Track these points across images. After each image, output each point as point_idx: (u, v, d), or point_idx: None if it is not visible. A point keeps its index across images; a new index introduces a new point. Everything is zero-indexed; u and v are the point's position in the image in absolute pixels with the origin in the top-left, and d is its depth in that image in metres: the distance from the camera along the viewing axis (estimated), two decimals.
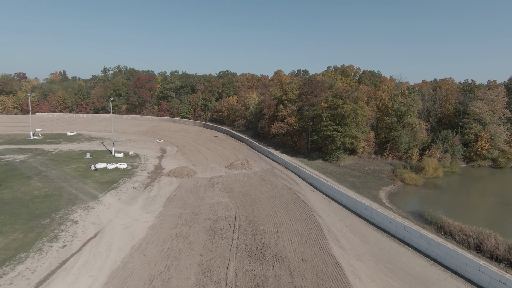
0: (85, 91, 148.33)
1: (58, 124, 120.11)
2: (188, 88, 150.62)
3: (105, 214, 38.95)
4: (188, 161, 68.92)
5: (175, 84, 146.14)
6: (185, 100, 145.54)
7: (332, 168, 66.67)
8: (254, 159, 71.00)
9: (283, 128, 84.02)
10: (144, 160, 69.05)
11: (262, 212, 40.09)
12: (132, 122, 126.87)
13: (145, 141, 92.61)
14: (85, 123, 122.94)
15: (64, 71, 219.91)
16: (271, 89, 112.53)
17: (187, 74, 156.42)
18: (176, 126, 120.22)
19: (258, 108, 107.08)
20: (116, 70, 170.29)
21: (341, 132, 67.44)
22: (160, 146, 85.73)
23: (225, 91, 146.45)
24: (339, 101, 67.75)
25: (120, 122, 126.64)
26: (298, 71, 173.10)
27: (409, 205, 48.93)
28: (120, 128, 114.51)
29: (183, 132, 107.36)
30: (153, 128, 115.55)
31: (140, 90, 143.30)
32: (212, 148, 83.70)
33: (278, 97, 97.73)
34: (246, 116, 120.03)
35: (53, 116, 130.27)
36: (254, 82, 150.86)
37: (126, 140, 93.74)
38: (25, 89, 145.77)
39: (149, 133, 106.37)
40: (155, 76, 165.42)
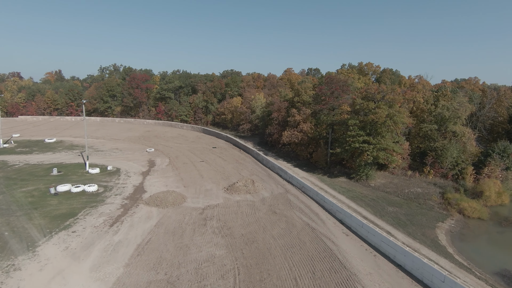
0: (76, 91, 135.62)
1: (41, 129, 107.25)
2: (188, 89, 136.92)
3: (31, 285, 24.89)
4: (178, 179, 54.81)
5: (173, 84, 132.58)
6: (185, 101, 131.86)
7: (361, 190, 51.91)
8: (261, 177, 56.60)
9: (297, 137, 69.39)
10: (123, 178, 55.12)
11: (275, 280, 25.64)
12: (124, 126, 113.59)
13: (134, 150, 78.90)
14: (71, 127, 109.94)
15: (59, 71, 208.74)
16: (280, 89, 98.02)
17: (188, 73, 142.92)
18: (172, 131, 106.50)
19: (265, 111, 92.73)
20: (111, 69, 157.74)
21: (373, 144, 52.63)
22: (149, 157, 71.87)
23: (228, 91, 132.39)
24: (370, 105, 52.83)
25: (111, 126, 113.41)
26: (309, 70, 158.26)
27: (488, 258, 33.70)
28: (109, 134, 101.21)
29: (179, 139, 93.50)
30: (146, 133, 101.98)
31: (135, 91, 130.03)
32: (211, 160, 69.51)
33: (289, 99, 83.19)
34: (251, 120, 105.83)
35: (37, 119, 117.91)
36: (261, 82, 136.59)
37: (111, 149, 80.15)
38: (11, 89, 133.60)
39: (141, 140, 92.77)
40: (153, 76, 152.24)
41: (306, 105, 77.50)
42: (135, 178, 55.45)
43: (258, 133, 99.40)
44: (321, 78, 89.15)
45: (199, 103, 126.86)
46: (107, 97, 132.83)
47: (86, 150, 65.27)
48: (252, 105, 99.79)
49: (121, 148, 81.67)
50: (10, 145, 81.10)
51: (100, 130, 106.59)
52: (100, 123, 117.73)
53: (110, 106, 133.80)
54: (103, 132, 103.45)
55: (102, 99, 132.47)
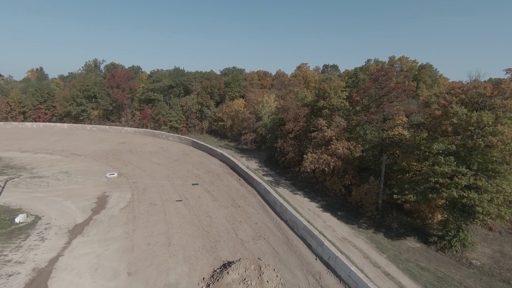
0: (46, 91, 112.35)
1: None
2: (180, 89, 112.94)
3: None
4: (125, 249, 30.70)
5: (162, 83, 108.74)
6: (176, 104, 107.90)
7: (460, 277, 27.37)
8: (274, 247, 32.12)
9: (328, 163, 44.70)
10: (29, 244, 31.14)
11: None
12: (96, 135, 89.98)
13: (89, 175, 55.04)
14: (29, 137, 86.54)
15: (40, 68, 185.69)
16: (296, 89, 73.56)
17: (180, 70, 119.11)
18: (154, 143, 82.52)
19: (275, 119, 68.35)
20: (90, 64, 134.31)
21: (490, 192, 27.85)
22: (103, 190, 47.93)
23: (228, 92, 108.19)
24: (485, 117, 27.86)
25: (80, 136, 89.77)
26: (324, 67, 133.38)
27: None
28: (72, 147, 77.55)
29: (159, 156, 69.38)
30: (120, 146, 78.10)
31: (114, 91, 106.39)
32: (193, 198, 45.24)
33: (311, 103, 58.71)
34: (256, 129, 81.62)
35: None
36: (268, 81, 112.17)
37: (58, 172, 56.33)
38: None
39: (109, 156, 68.86)
40: (139, 73, 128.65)
41: (336, 112, 53.01)
42: (52, 243, 31.40)
43: (266, 148, 75.09)
44: (371, 71, 64.11)
45: (193, 106, 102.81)
46: (82, 98, 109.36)
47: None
48: (258, 110, 75.45)
49: (73, 170, 57.81)
50: None
51: (63, 141, 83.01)
52: (67, 131, 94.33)
53: (85, 109, 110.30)
54: (65, 144, 79.82)
55: (75, 101, 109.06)
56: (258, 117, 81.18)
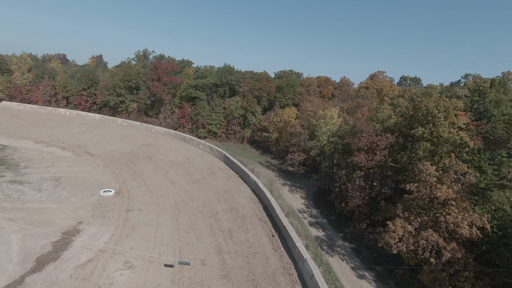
0: (90, 78, 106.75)
1: (9, 123, 78.22)
2: (226, 89, 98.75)
3: None
4: None
5: (206, 81, 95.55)
6: (219, 105, 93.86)
7: None
8: None
9: (436, 249, 24.36)
10: None
11: None
12: (122, 132, 79.29)
13: (81, 187, 42.01)
14: (55, 125, 79.04)
15: (100, 55, 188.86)
16: (374, 104, 53.27)
17: (229, 67, 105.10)
18: (181, 150, 68.45)
19: (337, 141, 48.78)
20: (140, 54, 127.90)
21: None
22: (79, 219, 33.84)
23: (279, 98, 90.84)
24: None
25: (106, 130, 79.90)
26: (402, 80, 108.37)
27: None
28: (91, 142, 67.16)
29: (179, 170, 54.56)
30: (141, 149, 65.45)
31: (154, 84, 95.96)
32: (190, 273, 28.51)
33: (397, 128, 38.34)
34: (308, 149, 62.84)
35: (24, 108, 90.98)
36: (330, 90, 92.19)
37: (49, 177, 44.23)
38: (18, 68, 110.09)
39: (123, 161, 56.15)
40: (187, 68, 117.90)
41: (443, 147, 32.17)
42: None
43: (317, 176, 55.81)
44: (494, 87, 41.93)
45: (236, 110, 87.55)
46: (122, 88, 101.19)
47: None
48: (315, 126, 56.40)
49: (68, 177, 45.40)
50: None
51: (86, 135, 73.41)
52: (97, 123, 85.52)
53: (124, 100, 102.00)
54: (86, 139, 69.87)
55: (115, 91, 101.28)
56: (313, 135, 62.28)
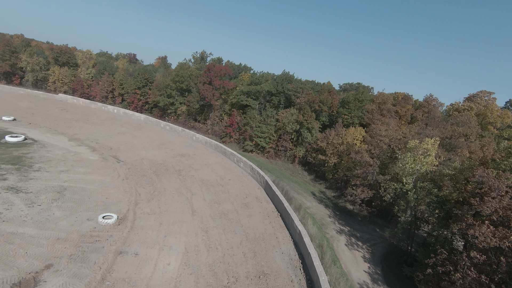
0: (146, 77, 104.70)
1: (60, 115, 77.04)
2: (280, 98, 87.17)
3: None
4: None
5: (260, 87, 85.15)
6: (271, 117, 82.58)
7: None
8: None
9: None
10: None
11: None
12: (163, 136, 72.61)
13: (81, 206, 33.92)
14: (99, 123, 75.94)
15: (165, 56, 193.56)
16: None
17: (288, 75, 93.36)
18: (217, 166, 58.34)
19: (432, 191, 32.88)
20: (197, 56, 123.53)
21: None
22: (56, 256, 24.77)
23: (343, 115, 75.98)
24: None
25: (147, 132, 74.16)
26: (509, 104, 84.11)
27: None
28: (126, 145, 61.21)
29: (207, 194, 44.08)
30: (174, 160, 57.02)
31: (205, 87, 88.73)
32: None
33: None
34: (377, 185, 47.38)
35: (77, 102, 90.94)
36: (409, 110, 74.14)
37: (54, 187, 37.18)
38: (82, 63, 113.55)
39: (148, 173, 47.93)
40: (243, 73, 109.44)
41: None
42: None
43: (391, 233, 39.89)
44: None
45: (289, 124, 75.17)
46: (172, 90, 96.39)
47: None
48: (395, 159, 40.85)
49: (76, 190, 37.87)
50: None
51: (124, 136, 68.21)
52: (140, 124, 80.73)
53: (173, 102, 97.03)
54: (122, 140, 64.37)
55: (166, 92, 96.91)
56: (385, 167, 46.68)
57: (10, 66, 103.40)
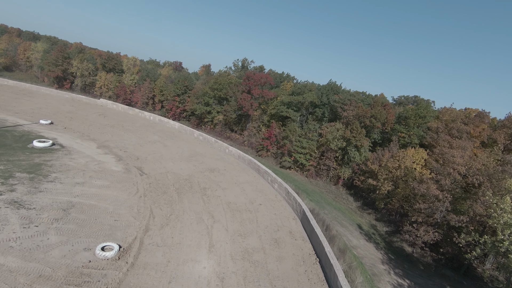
0: (185, 84, 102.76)
1: (96, 121, 76.45)
2: (325, 111, 78.44)
3: None
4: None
5: (302, 98, 77.37)
6: (313, 130, 74.27)
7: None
8: None
9: None
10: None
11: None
12: (194, 148, 67.99)
13: (83, 229, 29.05)
14: (133, 129, 73.91)
15: (209, 65, 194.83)
16: None
17: (335, 85, 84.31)
18: (248, 187, 51.53)
19: None
20: (238, 64, 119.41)
21: None
22: None
23: (399, 133, 64.99)
24: None
25: (179, 142, 70.20)
26: None
27: None
28: (155, 155, 57.42)
29: (235, 222, 37.28)
30: (202, 175, 51.43)
31: (242, 96, 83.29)
32: None
33: None
34: (445, 225, 36.69)
35: (116, 108, 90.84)
36: (485, 130, 60.85)
37: (62, 202, 33.08)
38: (127, 69, 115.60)
39: (169, 190, 42.74)
40: (285, 82, 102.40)
41: None
42: None
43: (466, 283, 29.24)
44: None
45: (333, 141, 66.18)
46: (210, 97, 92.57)
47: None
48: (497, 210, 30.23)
49: (83, 208, 33.41)
50: None
51: (155, 145, 64.82)
52: (174, 132, 77.30)
53: (210, 111, 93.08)
54: (152, 150, 60.86)
55: (203, 99, 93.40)
56: (457, 202, 36.04)
57: (62, 71, 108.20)
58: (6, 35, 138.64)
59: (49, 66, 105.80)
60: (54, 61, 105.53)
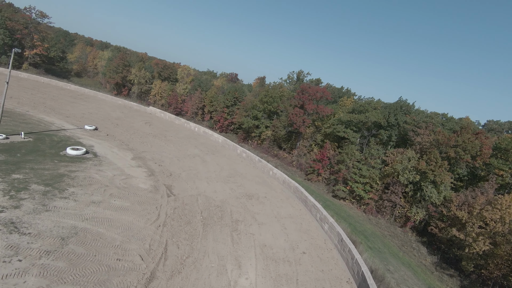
0: (235, 96, 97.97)
1: (140, 131, 74.26)
2: (392, 133, 65.80)
3: None
4: None
5: (364, 117, 65.84)
6: (376, 157, 62.14)
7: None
8: None
9: None
10: None
11: None
12: (235, 166, 60.87)
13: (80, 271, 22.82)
14: (175, 140, 69.97)
15: (264, 77, 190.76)
16: None
17: (405, 104, 70.88)
18: (291, 225, 42.10)
19: None
20: (293, 76, 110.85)
21: None
22: None
23: (496, 170, 49.65)
24: None
25: (218, 159, 63.91)
26: None
27: None
28: (189, 172, 51.75)
29: (267, 279, 28.47)
30: (237, 203, 43.68)
31: (294, 111, 74.53)
32: None
33: None
34: None
35: (164, 116, 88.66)
36: None
37: (76, 227, 27.80)
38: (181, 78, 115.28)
39: (200, 218, 35.74)
40: (343, 98, 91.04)
41: None
42: None
43: None
44: None
45: (404, 172, 53.49)
46: (259, 111, 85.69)
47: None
48: None
49: (97, 233, 27.66)
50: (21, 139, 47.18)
51: (194, 160, 59.43)
52: (216, 147, 71.46)
53: (258, 125, 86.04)
54: (188, 165, 55.42)
55: (252, 113, 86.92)
56: None
57: (121, 78, 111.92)
58: (80, 44, 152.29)
59: (110, 73, 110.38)
60: (115, 68, 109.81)
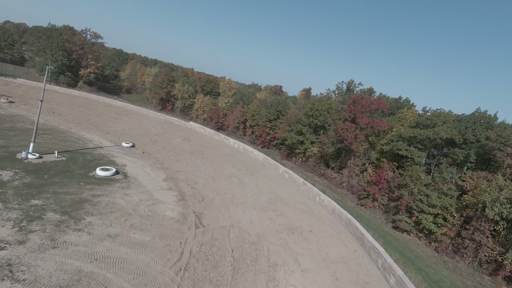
0: (278, 108, 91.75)
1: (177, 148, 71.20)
2: (470, 152, 53.47)
3: None
4: None
5: (432, 132, 54.57)
6: (449, 180, 50.39)
7: None
8: None
9: None
10: None
11: None
12: (275, 189, 53.69)
13: None
14: (213, 158, 65.43)
15: (309, 88, 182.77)
16: None
17: (484, 115, 57.90)
18: (344, 276, 33.45)
19: None
20: (342, 87, 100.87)
21: None
22: None
23: None
24: None
25: (259, 179, 57.37)
26: None
27: None
28: (226, 196, 46.16)
29: None
30: (277, 238, 36.49)
31: (345, 125, 65.53)
32: None
33: None
34: None
35: (203, 132, 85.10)
36: None
37: (80, 270, 23.25)
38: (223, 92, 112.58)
39: (229, 260, 29.42)
40: (403, 110, 79.23)
41: None
42: None
43: None
44: None
45: (491, 204, 41.62)
46: (304, 125, 77.99)
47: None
48: None
49: (102, 280, 22.86)
50: (55, 158, 45.83)
51: (231, 181, 53.81)
52: (256, 166, 65.14)
53: (303, 141, 78.26)
54: (223, 188, 49.94)
55: (296, 128, 79.57)
56: None
57: (166, 93, 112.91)
58: (131, 61, 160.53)
59: (156, 88, 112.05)
60: (160, 84, 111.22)
